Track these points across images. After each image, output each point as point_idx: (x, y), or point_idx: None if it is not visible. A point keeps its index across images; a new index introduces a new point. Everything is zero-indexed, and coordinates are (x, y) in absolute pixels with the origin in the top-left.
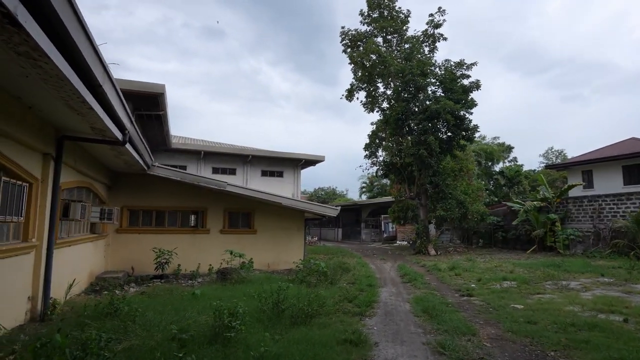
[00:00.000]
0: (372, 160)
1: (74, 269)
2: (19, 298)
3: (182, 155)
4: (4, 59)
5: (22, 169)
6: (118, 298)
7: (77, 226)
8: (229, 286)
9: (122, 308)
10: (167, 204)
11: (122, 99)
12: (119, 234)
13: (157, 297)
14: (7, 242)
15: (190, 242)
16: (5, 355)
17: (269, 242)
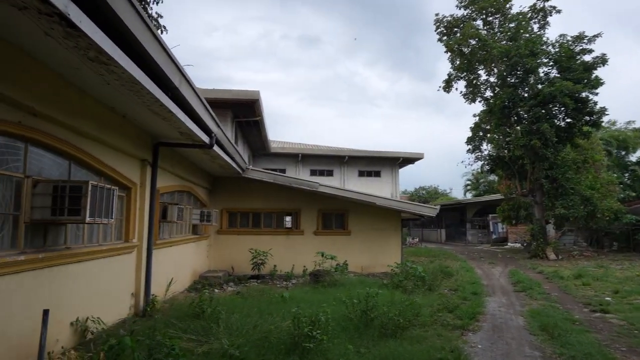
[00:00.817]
0: (475, 155)
1: (176, 268)
2: (123, 294)
3: (281, 158)
4: (82, 67)
5: (121, 174)
6: (205, 299)
7: (179, 228)
8: (320, 289)
9: (206, 309)
10: (263, 206)
11: (204, 103)
12: (219, 235)
13: (248, 298)
14: (110, 242)
15: (285, 243)
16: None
17: (364, 244)
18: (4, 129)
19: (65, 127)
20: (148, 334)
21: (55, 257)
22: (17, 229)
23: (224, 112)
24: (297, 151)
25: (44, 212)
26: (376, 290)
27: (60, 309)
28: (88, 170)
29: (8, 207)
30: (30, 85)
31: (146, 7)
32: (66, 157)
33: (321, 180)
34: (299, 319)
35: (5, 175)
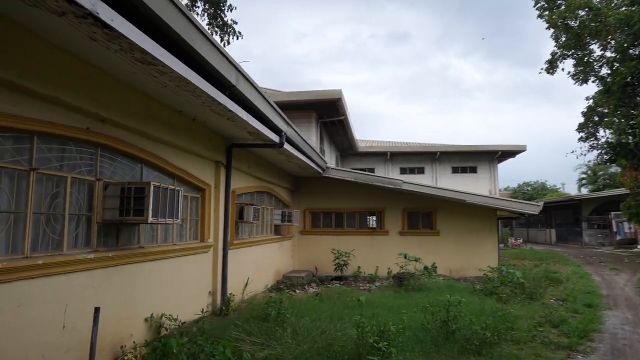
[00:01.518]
0: (590, 143)
1: (256, 268)
2: (199, 292)
3: (369, 158)
4: (137, 71)
5: (193, 176)
6: (274, 300)
7: (259, 228)
8: (402, 293)
9: (271, 312)
10: (345, 206)
11: (269, 101)
12: (302, 236)
13: (325, 300)
14: (184, 242)
15: (369, 244)
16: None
17: (454, 245)
18: (73, 135)
19: (133, 132)
20: (215, 333)
21: (126, 256)
22: (90, 229)
23: (308, 114)
24: (385, 149)
25: (114, 213)
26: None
27: (133, 305)
28: (160, 173)
29: (82, 209)
30: (95, 93)
31: (219, 14)
32: (138, 161)
33: (411, 179)
34: (363, 327)
35: (78, 179)
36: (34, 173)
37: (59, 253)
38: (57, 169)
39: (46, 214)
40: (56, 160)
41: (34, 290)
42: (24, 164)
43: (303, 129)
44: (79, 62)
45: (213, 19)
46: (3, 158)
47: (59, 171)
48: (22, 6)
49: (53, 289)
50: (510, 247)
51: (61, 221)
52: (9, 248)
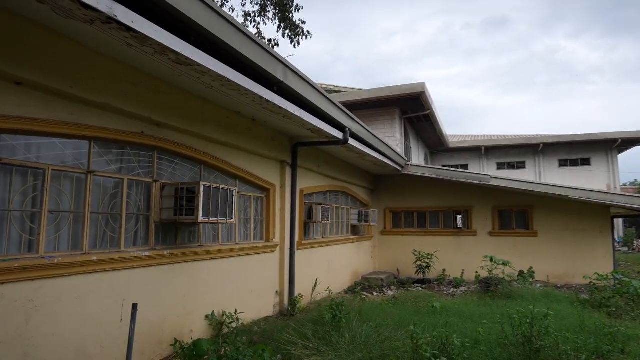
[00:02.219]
0: None
1: (330, 269)
2: (265, 292)
3: (462, 154)
4: (181, 74)
5: (255, 176)
6: (335, 303)
7: (334, 228)
8: (488, 300)
9: (325, 315)
10: (428, 204)
11: (326, 96)
12: (383, 236)
13: (399, 304)
14: (248, 242)
15: (455, 245)
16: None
17: (555, 248)
18: (128, 140)
19: (189, 134)
20: (272, 334)
21: (184, 254)
22: (148, 228)
23: (390, 110)
24: (479, 143)
25: (169, 213)
26: (561, 309)
27: (193, 302)
28: (220, 174)
29: (140, 209)
30: (147, 98)
31: (288, 16)
32: (197, 162)
33: (510, 175)
34: (417, 339)
35: (135, 180)
36: (91, 176)
37: (116, 250)
38: (114, 171)
39: (104, 213)
40: (113, 163)
41: (91, 285)
42: (82, 167)
43: (386, 125)
44: (128, 69)
45: (282, 21)
46: (63, 162)
47: (115, 173)
48: (61, 18)
49: (110, 284)
50: (638, 250)
51: (119, 220)
52: (70, 245)
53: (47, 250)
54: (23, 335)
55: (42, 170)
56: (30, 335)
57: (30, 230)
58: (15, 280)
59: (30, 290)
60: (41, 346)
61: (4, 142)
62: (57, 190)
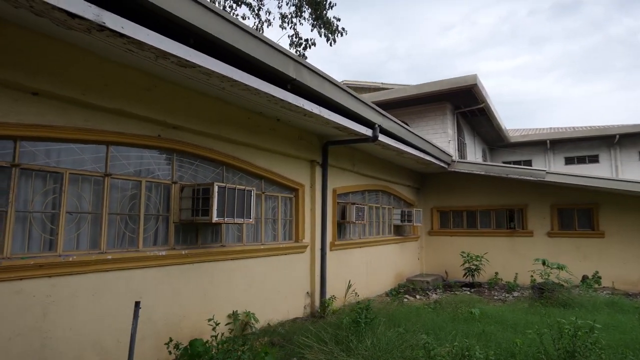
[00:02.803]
0: None
1: (370, 270)
2: (295, 293)
3: (525, 149)
4: (187, 76)
5: (282, 176)
6: (362, 307)
7: (374, 228)
8: (539, 308)
9: (343, 319)
10: (478, 203)
11: (348, 91)
12: (430, 236)
13: (440, 309)
14: (274, 242)
15: (509, 247)
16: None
17: (626, 251)
18: (144, 143)
19: (207, 136)
20: (292, 337)
21: (203, 254)
22: (168, 229)
23: (441, 106)
24: (543, 137)
25: (188, 213)
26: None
27: (213, 301)
28: (244, 174)
29: (160, 209)
30: (162, 102)
31: (321, 14)
32: (218, 163)
33: (581, 170)
34: (430, 351)
35: (153, 182)
36: (109, 178)
37: (134, 250)
38: (132, 174)
39: (122, 214)
40: (131, 166)
41: (108, 282)
42: (99, 171)
43: (437, 121)
44: (138, 74)
45: (317, 20)
46: (82, 166)
47: (133, 176)
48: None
49: (127, 282)
50: None
51: (137, 221)
52: (89, 244)
53: (66, 249)
54: (41, 328)
55: (60, 174)
56: (48, 329)
57: (50, 230)
58: (33, 276)
59: (48, 286)
60: (58, 339)
61: (23, 149)
62: (76, 192)
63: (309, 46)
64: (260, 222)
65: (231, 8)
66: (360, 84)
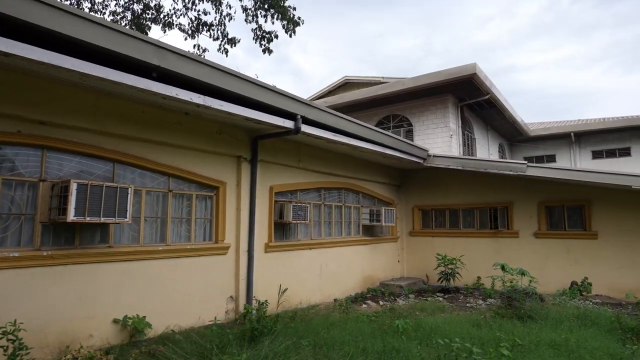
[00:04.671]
0: None
1: (326, 273)
2: (214, 297)
3: (548, 142)
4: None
5: (196, 173)
6: (289, 314)
7: (336, 229)
8: (499, 320)
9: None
10: (460, 201)
11: (254, 80)
12: (412, 237)
13: (381, 319)
14: (188, 243)
15: (493, 249)
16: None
17: (622, 254)
18: (2, 139)
19: (87, 131)
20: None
21: (78, 255)
22: (33, 228)
23: (442, 98)
24: (567, 129)
25: (55, 213)
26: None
27: (93, 305)
28: (145, 171)
29: (24, 209)
30: (21, 96)
31: (278, 1)
32: (107, 160)
33: (611, 164)
34: None
35: (14, 180)
36: None
37: None
38: None
39: None
40: None
41: None
42: None
43: (438, 115)
44: None
45: (271, 7)
46: None
47: None
48: None
49: None
50: None
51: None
52: None
53: None
54: None
55: None
56: None
57: None
58: None
59: None
60: None
61: None
62: None
63: (271, 39)
64: (165, 222)
65: (193, 3)
66: (361, 79)
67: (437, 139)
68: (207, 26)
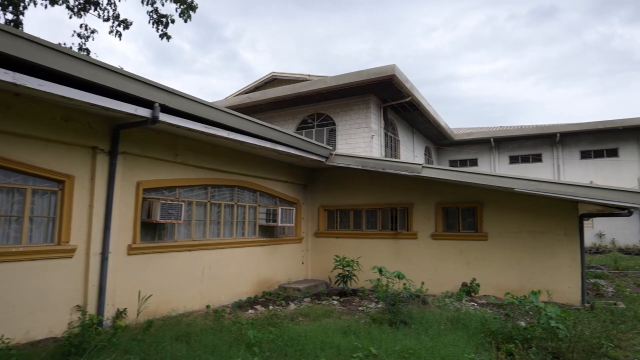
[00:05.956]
0: None
1: (207, 276)
2: (53, 307)
3: (471, 147)
4: None
5: (32, 165)
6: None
7: (225, 229)
8: (371, 326)
9: None
10: (364, 201)
11: (93, 61)
12: (317, 238)
13: (246, 327)
14: (16, 245)
15: (393, 250)
16: None
17: (509, 255)
18: None
19: None
20: None
21: None
22: None
23: (365, 98)
24: (487, 135)
25: None
26: (452, 346)
27: None
28: None
29: None
30: None
31: None
32: None
33: (524, 170)
34: None
35: None
36: None
37: None
38: None
39: None
40: None
41: None
42: None
43: (360, 115)
44: None
45: None
46: None
47: None
48: None
49: None
50: None
51: None
52: None
53: None
54: None
55: None
56: None
57: None
58: None
59: None
60: None
61: None
62: None
63: (167, 23)
64: None
65: None
66: (288, 75)
67: (359, 139)
68: (94, 4)
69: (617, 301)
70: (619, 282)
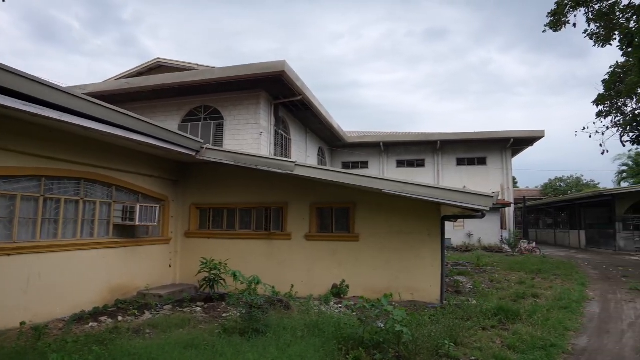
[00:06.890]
0: (615, 121)
1: (33, 286)
2: None
3: (363, 150)
4: None
5: None
6: None
7: (73, 229)
8: (220, 337)
9: None
10: (239, 200)
11: None
12: (188, 239)
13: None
14: None
15: (266, 252)
16: None
17: (378, 256)
18: None
19: None
20: None
21: None
22: None
23: (255, 94)
24: (377, 139)
25: None
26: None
27: None
28: None
29: None
30: None
31: None
32: None
33: (410, 174)
34: None
35: None
36: None
37: None
38: None
39: None
40: None
41: None
42: None
43: (250, 111)
44: None
45: None
46: None
47: None
48: None
49: None
50: (520, 252)
51: None
52: None
53: None
54: None
55: None
56: None
57: None
58: None
59: None
60: None
61: None
62: None
63: None
64: None
65: None
66: (175, 63)
67: (247, 135)
68: None
69: (471, 297)
70: (478, 279)
